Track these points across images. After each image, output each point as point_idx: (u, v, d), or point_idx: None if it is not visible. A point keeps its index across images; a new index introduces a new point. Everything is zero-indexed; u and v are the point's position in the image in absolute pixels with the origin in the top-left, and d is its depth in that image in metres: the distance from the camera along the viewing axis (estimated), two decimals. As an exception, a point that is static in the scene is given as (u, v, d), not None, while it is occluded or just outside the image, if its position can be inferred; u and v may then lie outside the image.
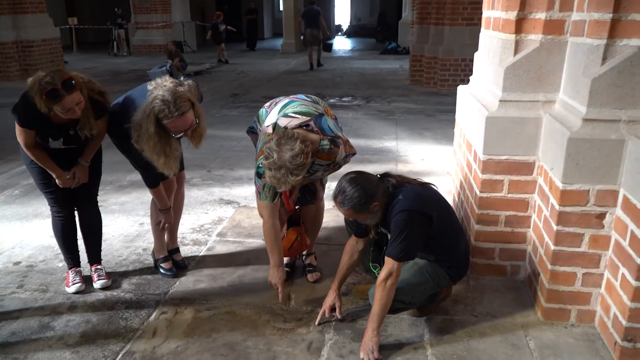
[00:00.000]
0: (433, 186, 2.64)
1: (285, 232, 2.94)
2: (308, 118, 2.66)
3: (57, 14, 15.62)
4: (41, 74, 2.53)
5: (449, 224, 2.59)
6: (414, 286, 2.54)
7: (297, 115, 2.68)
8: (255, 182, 2.74)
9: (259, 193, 2.72)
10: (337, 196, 2.43)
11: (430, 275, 2.57)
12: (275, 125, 2.67)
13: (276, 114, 2.76)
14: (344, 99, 9.26)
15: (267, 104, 2.95)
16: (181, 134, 2.71)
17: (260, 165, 2.61)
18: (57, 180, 2.82)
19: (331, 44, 17.78)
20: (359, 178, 2.43)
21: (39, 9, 11.48)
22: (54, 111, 2.55)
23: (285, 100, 2.85)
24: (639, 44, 2.22)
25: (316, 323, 2.66)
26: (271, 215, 2.74)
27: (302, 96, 2.90)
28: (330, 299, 2.68)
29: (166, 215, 3.10)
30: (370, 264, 2.79)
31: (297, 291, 2.99)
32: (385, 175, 2.54)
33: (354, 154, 2.82)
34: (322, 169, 2.72)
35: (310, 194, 3.03)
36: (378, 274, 2.48)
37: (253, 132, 3.02)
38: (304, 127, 2.60)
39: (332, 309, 2.68)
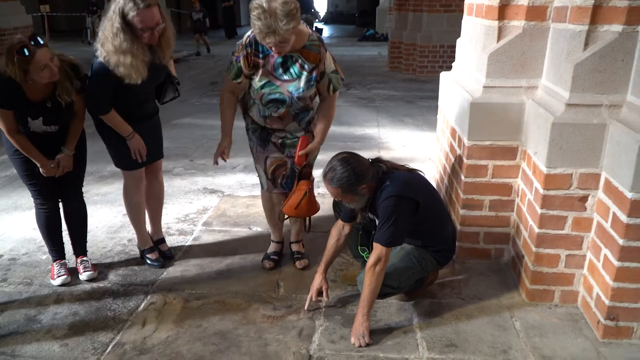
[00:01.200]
0: (421, 172, 2.67)
1: (295, 188, 2.85)
2: None
3: (28, 1, 15.17)
4: (8, 45, 2.48)
5: (435, 210, 2.62)
6: (401, 271, 2.57)
7: None
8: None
9: (227, 69, 2.79)
10: (327, 174, 2.44)
11: (418, 260, 2.61)
12: None
13: None
14: (324, 86, 9.24)
15: None
16: (149, 32, 2.62)
17: (238, 44, 2.69)
18: (41, 170, 2.76)
19: (322, 29, 20.01)
20: (351, 159, 2.45)
21: (9, -5, 11.15)
22: (31, 74, 2.48)
23: None
24: (619, 29, 2.26)
25: (305, 308, 2.68)
26: (228, 90, 2.83)
27: None
28: (317, 282, 2.70)
29: (131, 142, 2.87)
30: (359, 247, 2.81)
31: (286, 279, 3.01)
32: (377, 161, 2.56)
33: (343, 79, 2.85)
34: (306, 77, 2.67)
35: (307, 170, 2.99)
36: (367, 257, 2.50)
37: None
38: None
39: (320, 293, 2.70)
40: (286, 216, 2.96)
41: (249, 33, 2.67)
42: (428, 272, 2.67)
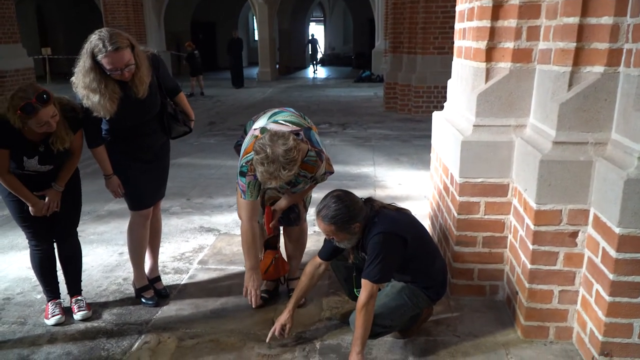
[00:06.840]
0: (408, 211, 2.71)
1: (261, 256, 2.95)
2: (298, 128, 2.72)
3: (30, 44, 15.49)
4: (14, 91, 2.51)
5: (423, 247, 2.64)
6: (393, 309, 2.58)
7: (288, 124, 2.73)
8: (238, 181, 2.75)
9: (243, 192, 2.72)
10: (321, 211, 2.47)
11: (409, 297, 2.62)
12: (263, 130, 2.67)
13: (265, 119, 2.81)
14: (321, 126, 9.36)
15: (255, 116, 3.00)
16: (118, 72, 2.66)
17: (244, 164, 2.65)
18: (30, 209, 2.75)
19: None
20: (345, 196, 2.49)
21: (12, 39, 11.39)
22: (29, 126, 2.52)
23: (275, 110, 2.92)
24: (601, 70, 2.35)
25: (267, 341, 2.67)
26: (250, 217, 2.77)
27: (291, 109, 2.96)
28: (283, 318, 2.69)
29: (109, 181, 2.95)
30: (355, 289, 2.81)
31: (281, 317, 3.00)
32: (369, 200, 2.60)
33: (332, 172, 2.89)
34: (303, 182, 2.78)
35: (294, 215, 3.06)
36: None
37: (240, 145, 3.00)
38: (294, 136, 2.62)
39: (283, 329, 2.68)
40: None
41: (249, 158, 2.63)
42: (421, 309, 2.67)
